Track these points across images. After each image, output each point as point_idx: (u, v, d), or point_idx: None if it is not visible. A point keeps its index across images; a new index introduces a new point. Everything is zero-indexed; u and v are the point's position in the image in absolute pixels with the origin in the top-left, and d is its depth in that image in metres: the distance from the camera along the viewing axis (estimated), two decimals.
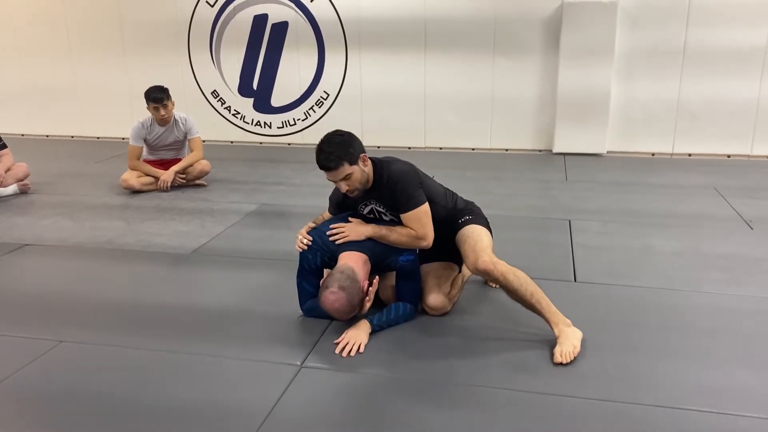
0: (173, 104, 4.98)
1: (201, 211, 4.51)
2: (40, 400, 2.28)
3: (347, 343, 2.55)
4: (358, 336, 2.59)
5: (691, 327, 2.72)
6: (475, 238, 2.73)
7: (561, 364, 2.42)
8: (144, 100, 4.91)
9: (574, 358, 2.44)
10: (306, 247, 2.75)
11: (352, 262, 2.62)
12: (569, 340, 2.49)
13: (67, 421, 2.15)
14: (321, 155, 2.62)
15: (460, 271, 3.01)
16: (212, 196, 4.91)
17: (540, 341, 2.60)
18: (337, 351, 2.54)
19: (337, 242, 2.68)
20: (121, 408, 2.21)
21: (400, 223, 2.76)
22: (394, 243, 2.69)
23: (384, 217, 2.82)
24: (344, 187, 2.66)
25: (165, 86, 4.96)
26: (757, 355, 2.50)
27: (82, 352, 2.59)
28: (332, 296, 2.48)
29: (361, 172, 2.66)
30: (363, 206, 2.83)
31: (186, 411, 2.19)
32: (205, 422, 2.12)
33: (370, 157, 2.74)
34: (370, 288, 2.60)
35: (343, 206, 2.91)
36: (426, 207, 2.71)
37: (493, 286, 2.98)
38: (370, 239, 2.70)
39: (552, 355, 2.46)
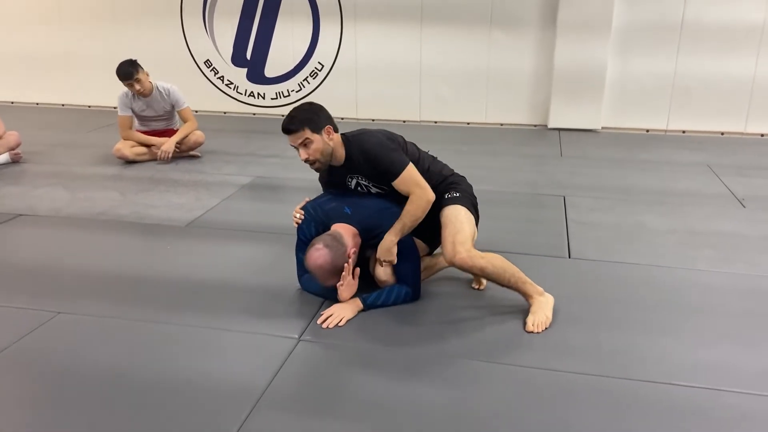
0: (147, 74, 4.82)
1: (195, 183, 4.49)
2: (39, 371, 2.30)
3: (330, 315, 2.58)
4: (343, 310, 2.61)
5: (682, 304, 2.77)
6: (457, 227, 2.66)
7: (532, 332, 2.50)
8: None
9: (546, 328, 2.53)
10: (299, 221, 2.78)
11: (342, 230, 2.66)
12: (542, 310, 2.58)
13: (65, 393, 2.16)
14: (285, 118, 2.65)
15: (429, 253, 2.96)
16: (206, 168, 4.89)
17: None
18: (318, 321, 2.57)
19: (382, 260, 2.65)
20: (118, 380, 2.23)
21: (386, 194, 2.78)
22: (415, 220, 2.64)
23: (371, 191, 2.81)
24: (303, 154, 2.64)
25: (133, 59, 4.78)
26: (747, 332, 2.54)
27: (80, 324, 2.60)
28: (316, 253, 2.51)
29: (323, 143, 2.64)
30: (349, 180, 2.83)
31: (183, 384, 2.21)
32: (202, 395, 2.14)
33: (342, 133, 2.74)
34: (354, 270, 2.61)
35: (331, 185, 2.91)
36: (410, 166, 2.68)
37: (477, 287, 2.91)
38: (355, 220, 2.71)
39: (524, 323, 2.54)
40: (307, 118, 2.61)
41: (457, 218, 2.70)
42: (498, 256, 2.66)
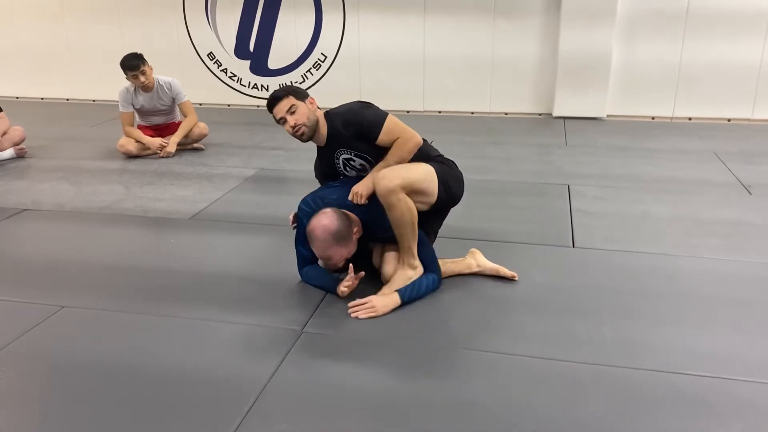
0: (151, 68, 4.84)
1: (199, 176, 4.49)
2: (43, 365, 2.31)
3: (364, 305, 2.57)
4: (378, 304, 2.57)
5: (688, 292, 2.75)
6: (408, 166, 2.65)
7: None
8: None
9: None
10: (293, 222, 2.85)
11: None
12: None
13: (69, 386, 2.17)
14: (269, 96, 2.79)
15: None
16: (210, 160, 4.89)
17: (535, 308, 2.63)
18: (349, 304, 2.60)
19: (355, 191, 2.66)
20: (121, 373, 2.23)
21: (369, 161, 2.80)
22: (400, 161, 2.67)
23: (353, 164, 2.85)
24: (291, 120, 2.72)
25: (139, 52, 4.80)
26: (754, 320, 2.52)
27: (84, 318, 2.61)
28: (322, 215, 2.55)
29: (307, 109, 2.75)
30: (336, 161, 2.87)
31: (186, 376, 2.21)
32: (205, 387, 2.15)
33: (324, 111, 2.85)
34: (359, 274, 2.63)
35: (326, 174, 2.96)
36: (392, 116, 2.76)
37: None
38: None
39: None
40: (289, 89, 2.80)
41: (416, 164, 2.70)
42: (413, 211, 2.60)
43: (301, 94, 2.78)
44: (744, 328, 2.46)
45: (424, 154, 2.82)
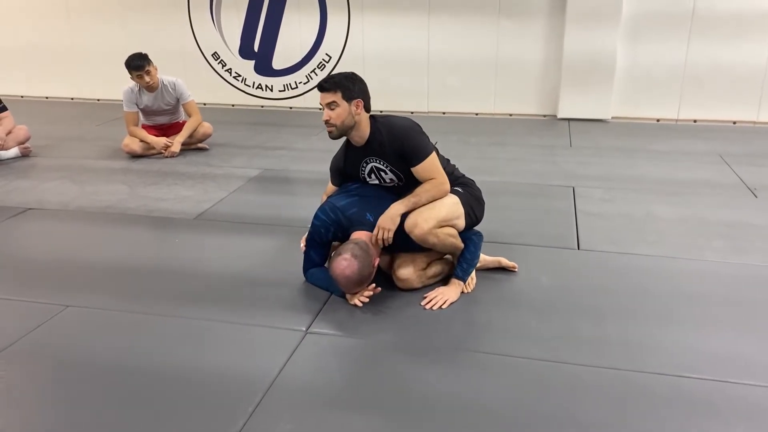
0: (156, 69, 4.84)
1: (203, 176, 4.49)
2: (48, 364, 2.31)
3: (435, 297, 2.66)
4: (447, 292, 2.68)
5: (692, 295, 2.74)
6: (434, 205, 2.67)
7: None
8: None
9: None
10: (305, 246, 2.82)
11: (366, 238, 2.63)
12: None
13: (74, 385, 2.18)
14: (324, 79, 2.70)
15: (441, 258, 2.91)
16: (214, 160, 4.89)
17: (540, 310, 2.62)
18: (422, 303, 2.65)
19: (381, 227, 2.63)
20: (125, 372, 2.24)
21: (400, 178, 2.76)
22: (429, 200, 2.66)
23: (384, 175, 2.79)
24: (325, 116, 2.67)
25: (144, 52, 4.80)
26: (759, 323, 2.51)
27: (89, 317, 2.61)
28: (344, 262, 2.49)
29: (347, 112, 2.66)
30: (363, 166, 2.80)
31: (191, 376, 2.21)
32: (210, 387, 2.15)
33: (371, 115, 2.75)
34: (371, 288, 2.62)
35: (344, 173, 2.88)
36: (434, 154, 2.72)
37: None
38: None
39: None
40: (342, 83, 2.67)
41: (441, 201, 2.70)
42: (453, 235, 2.68)
43: (350, 93, 2.65)
44: (749, 331, 2.45)
45: (449, 173, 2.80)
